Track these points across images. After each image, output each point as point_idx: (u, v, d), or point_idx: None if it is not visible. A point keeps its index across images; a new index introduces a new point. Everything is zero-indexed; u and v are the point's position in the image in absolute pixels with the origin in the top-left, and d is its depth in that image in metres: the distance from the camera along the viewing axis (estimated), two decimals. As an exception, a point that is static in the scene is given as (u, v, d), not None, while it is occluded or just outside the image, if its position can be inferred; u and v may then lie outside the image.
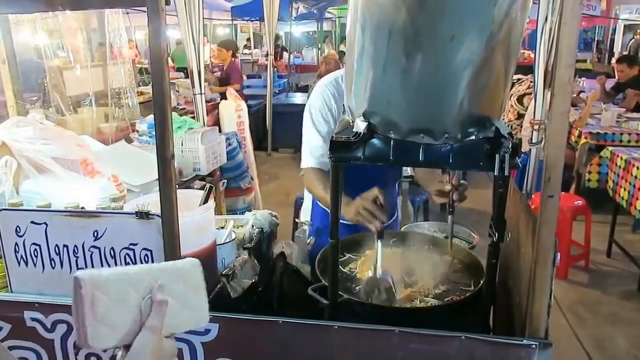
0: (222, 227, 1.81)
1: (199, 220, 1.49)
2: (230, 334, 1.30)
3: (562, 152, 1.03)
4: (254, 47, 15.66)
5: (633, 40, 12.19)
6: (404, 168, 2.42)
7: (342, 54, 7.77)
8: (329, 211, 2.08)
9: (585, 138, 4.97)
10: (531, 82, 5.19)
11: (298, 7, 11.18)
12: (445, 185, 1.59)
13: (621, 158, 4.02)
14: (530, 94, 5.16)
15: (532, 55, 4.76)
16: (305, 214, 2.26)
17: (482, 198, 4.83)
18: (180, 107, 5.83)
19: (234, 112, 5.10)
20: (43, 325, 1.40)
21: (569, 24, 0.95)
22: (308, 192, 2.10)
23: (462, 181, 1.57)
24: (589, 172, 4.44)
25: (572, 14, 0.95)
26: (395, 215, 2.29)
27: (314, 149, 1.96)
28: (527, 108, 5.23)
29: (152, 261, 1.38)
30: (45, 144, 2.04)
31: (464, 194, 1.58)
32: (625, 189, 3.90)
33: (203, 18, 4.22)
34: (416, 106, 1.10)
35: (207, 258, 1.55)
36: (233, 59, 6.89)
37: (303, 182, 2.06)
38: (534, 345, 1.13)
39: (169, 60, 11.39)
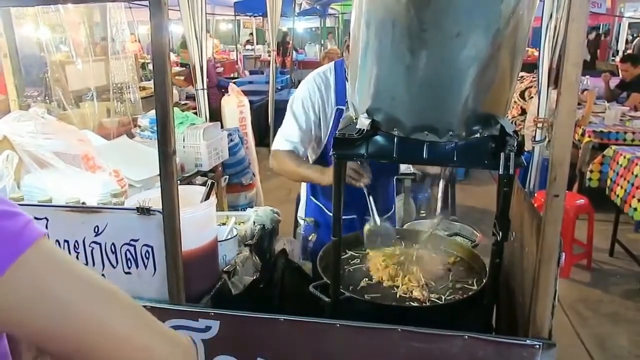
0: (224, 224, 1.81)
1: (201, 216, 1.48)
2: (231, 331, 1.29)
3: (568, 151, 1.02)
4: (257, 43, 15.62)
5: (638, 38, 12.14)
6: (406, 165, 2.41)
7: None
8: (321, 205, 2.10)
9: (589, 137, 4.95)
10: (532, 79, 5.17)
11: (301, 3, 11.15)
12: None
13: (624, 157, 4.00)
14: (531, 87, 5.14)
15: (536, 53, 4.73)
16: (302, 210, 2.25)
17: (486, 196, 4.83)
18: (183, 102, 5.82)
19: (236, 108, 5.09)
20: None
21: (576, 21, 0.94)
22: (278, 172, 2.08)
23: None
24: (591, 172, 4.41)
25: (580, 11, 0.93)
26: (392, 209, 2.28)
27: (288, 135, 2.01)
28: (527, 100, 5.20)
29: (153, 257, 1.37)
30: (47, 138, 2.04)
31: None
32: (622, 187, 3.87)
33: (206, 13, 4.20)
34: (420, 103, 1.09)
35: (209, 254, 1.55)
36: None
37: (271, 163, 2.06)
38: (537, 346, 1.12)
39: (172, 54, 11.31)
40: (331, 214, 1.79)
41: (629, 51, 10.89)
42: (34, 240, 0.58)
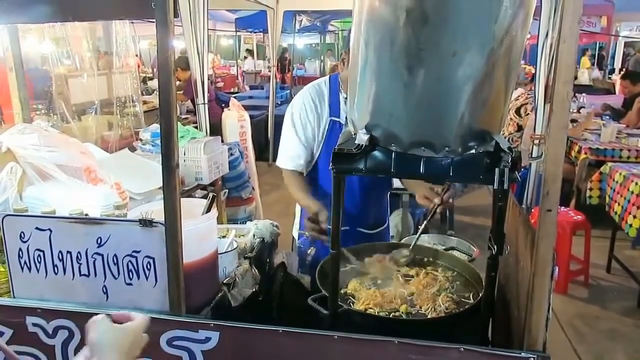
0: (224, 236, 1.83)
1: (202, 228, 1.50)
2: (231, 342, 1.31)
3: (560, 167, 1.05)
4: (257, 59, 15.77)
5: (634, 55, 12.28)
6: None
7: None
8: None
9: (585, 153, 4.99)
10: (528, 95, 5.23)
11: (301, 20, 11.29)
12: (434, 198, 1.71)
13: (620, 174, 4.03)
14: (527, 103, 5.19)
15: (533, 71, 4.80)
16: (296, 224, 2.27)
17: (484, 212, 4.86)
18: (183, 116, 5.86)
19: (237, 122, 5.14)
20: (44, 331, 1.41)
21: (567, 42, 0.98)
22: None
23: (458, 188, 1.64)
24: (590, 189, 4.43)
25: (570, 33, 0.97)
26: (386, 224, 2.30)
27: (289, 149, 2.04)
28: (523, 117, 5.26)
29: (155, 268, 1.39)
30: (50, 151, 2.06)
31: (450, 201, 1.65)
32: (619, 204, 3.91)
33: (208, 29, 4.27)
34: (417, 120, 1.12)
35: (209, 267, 1.56)
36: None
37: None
38: (532, 358, 1.14)
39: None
40: None
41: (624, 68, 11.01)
42: None
